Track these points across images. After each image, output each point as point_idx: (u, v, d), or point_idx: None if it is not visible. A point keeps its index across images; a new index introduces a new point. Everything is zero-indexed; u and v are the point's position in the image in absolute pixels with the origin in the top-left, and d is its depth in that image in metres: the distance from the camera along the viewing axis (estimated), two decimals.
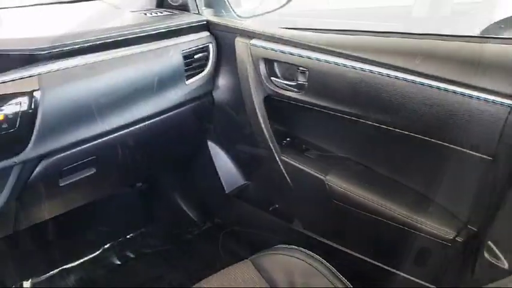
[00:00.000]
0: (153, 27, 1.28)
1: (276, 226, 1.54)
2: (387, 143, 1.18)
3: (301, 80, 1.23)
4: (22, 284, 1.67)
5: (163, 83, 1.30)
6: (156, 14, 1.41)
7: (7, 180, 1.05)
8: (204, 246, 1.85)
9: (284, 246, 1.08)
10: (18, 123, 0.99)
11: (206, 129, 1.62)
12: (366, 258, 1.29)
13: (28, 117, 1.01)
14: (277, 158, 1.36)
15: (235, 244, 1.78)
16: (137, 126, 1.29)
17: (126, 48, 1.21)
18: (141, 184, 1.99)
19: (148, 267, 1.81)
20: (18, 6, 1.45)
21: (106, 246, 1.87)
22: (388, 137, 1.12)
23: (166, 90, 1.32)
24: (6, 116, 0.97)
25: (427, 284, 1.14)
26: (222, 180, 1.65)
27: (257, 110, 1.34)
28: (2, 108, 0.97)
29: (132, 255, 1.87)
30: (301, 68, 1.21)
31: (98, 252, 1.85)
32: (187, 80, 1.37)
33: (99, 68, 1.15)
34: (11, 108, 0.98)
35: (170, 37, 1.32)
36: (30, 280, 1.69)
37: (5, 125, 0.97)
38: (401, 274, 1.20)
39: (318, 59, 1.16)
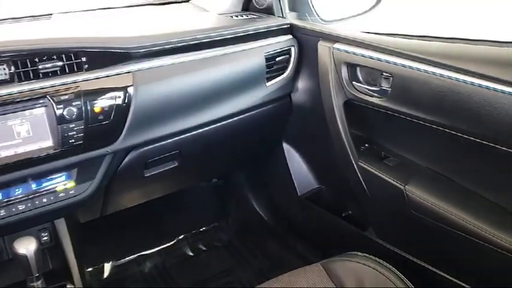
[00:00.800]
0: (239, 30, 1.32)
1: (348, 232, 1.52)
2: (471, 154, 1.12)
3: (385, 85, 1.20)
4: (103, 266, 1.80)
5: (245, 84, 1.34)
6: (242, 17, 1.46)
7: (99, 168, 1.14)
8: (273, 246, 1.88)
9: (356, 253, 1.06)
10: (112, 115, 1.08)
11: (282, 131, 1.63)
12: (441, 273, 1.23)
13: (121, 111, 1.09)
14: (354, 164, 1.34)
15: (305, 247, 1.78)
16: (218, 125, 1.34)
17: (214, 49, 1.26)
18: (216, 180, 2.06)
19: (219, 261, 1.87)
20: (114, 8, 1.56)
21: (180, 237, 1.96)
22: (472, 148, 1.07)
23: (247, 91, 1.35)
24: (102, 108, 1.06)
25: None
26: (295, 183, 1.66)
27: (336, 114, 1.33)
28: (99, 101, 1.06)
29: (204, 248, 1.94)
30: (385, 74, 1.19)
31: (172, 242, 1.94)
32: (267, 81, 1.40)
33: (187, 67, 1.21)
34: (107, 101, 1.07)
35: (255, 39, 1.35)
36: (110, 262, 1.82)
37: (101, 117, 1.06)
38: None
39: (403, 65, 1.13)
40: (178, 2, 1.67)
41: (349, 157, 1.34)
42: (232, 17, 1.46)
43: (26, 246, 0.94)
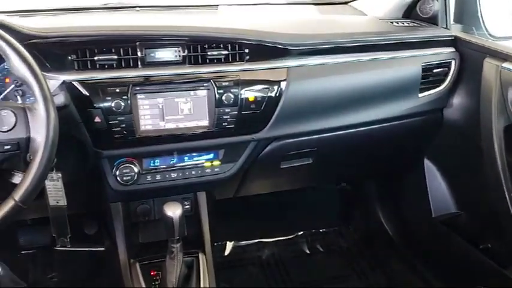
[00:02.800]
0: (399, 37, 1.30)
1: (484, 266, 1.39)
2: None
3: None
4: (226, 244, 1.92)
5: (396, 92, 1.30)
6: (402, 24, 1.41)
7: (243, 152, 1.23)
8: (394, 262, 1.80)
9: None
10: (263, 106, 1.15)
11: (426, 146, 1.55)
12: None
13: (272, 103, 1.15)
14: (506, 194, 1.22)
15: (429, 270, 1.68)
16: (360, 129, 1.33)
17: (369, 53, 1.25)
18: (345, 184, 2.05)
19: (334, 265, 1.86)
20: (275, 3, 1.63)
21: (299, 233, 1.99)
22: None
23: (397, 100, 1.32)
24: (256, 98, 1.13)
25: None
26: (431, 203, 1.57)
27: (494, 138, 1.22)
28: (254, 91, 1.13)
29: (321, 249, 1.95)
30: None
31: (291, 236, 1.99)
32: (420, 92, 1.34)
33: (341, 69, 1.23)
34: (261, 92, 1.14)
35: (414, 48, 1.31)
36: (232, 242, 1.93)
37: (253, 106, 1.14)
38: None
39: None
40: (337, 4, 1.69)
41: (501, 186, 1.22)
42: (392, 23, 1.42)
43: (173, 210, 1.05)
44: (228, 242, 1.93)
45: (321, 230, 2.02)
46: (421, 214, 1.62)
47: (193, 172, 1.20)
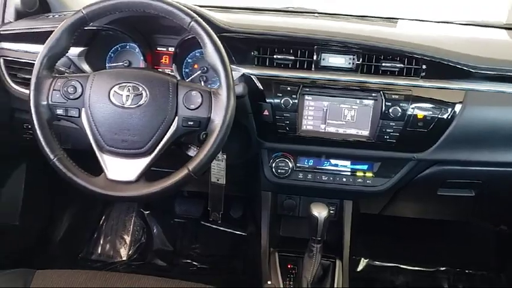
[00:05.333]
0: None
1: None
2: None
3: None
4: (360, 259, 1.87)
5: None
6: None
7: (400, 170, 1.19)
8: None
9: None
10: (431, 126, 1.10)
11: None
12: None
13: (442, 125, 1.10)
14: None
15: None
16: None
17: None
18: (505, 227, 1.82)
19: None
20: (455, 23, 1.52)
21: (442, 268, 1.84)
22: None
23: None
24: (424, 116, 1.09)
25: None
26: None
27: None
28: (425, 109, 1.09)
29: None
30: None
31: (432, 269, 1.85)
32: None
33: None
34: (432, 112, 1.09)
35: None
36: (367, 259, 1.87)
37: (420, 124, 1.09)
38: None
39: None
40: None
41: None
42: None
43: (320, 211, 1.07)
44: (362, 258, 1.88)
45: (466, 271, 1.83)
46: None
47: (344, 179, 1.20)
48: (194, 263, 1.85)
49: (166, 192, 0.93)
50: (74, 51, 1.14)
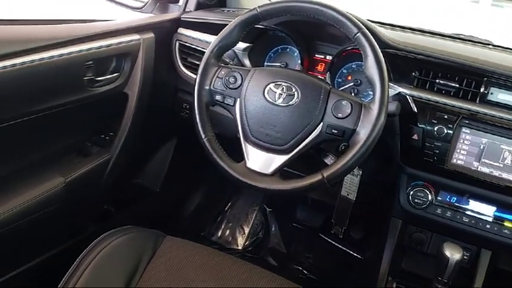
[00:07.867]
0: None
1: None
2: None
3: None
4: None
5: None
6: None
7: None
8: None
9: None
10: None
11: None
12: None
13: None
14: None
15: None
16: None
17: None
18: None
19: None
20: None
21: None
22: None
23: None
24: None
25: None
26: None
27: None
28: None
29: None
30: None
31: None
32: None
33: None
34: None
35: None
36: None
37: None
38: None
39: None
40: None
41: None
42: None
43: (453, 252, 0.98)
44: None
45: None
46: None
47: (488, 226, 1.08)
48: (305, 271, 1.84)
49: (296, 192, 0.94)
50: (240, 45, 1.22)
